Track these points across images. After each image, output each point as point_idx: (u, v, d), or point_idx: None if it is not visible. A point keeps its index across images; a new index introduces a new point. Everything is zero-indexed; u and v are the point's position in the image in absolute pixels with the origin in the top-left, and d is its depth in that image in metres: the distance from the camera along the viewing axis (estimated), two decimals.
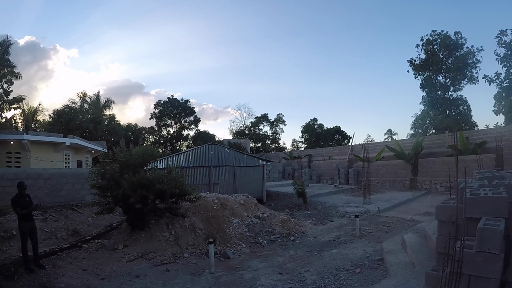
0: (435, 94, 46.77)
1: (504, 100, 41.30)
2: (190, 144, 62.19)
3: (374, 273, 9.03)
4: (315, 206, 20.73)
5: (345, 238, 13.23)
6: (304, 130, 71.18)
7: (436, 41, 45.51)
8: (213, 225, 12.74)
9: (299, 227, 14.83)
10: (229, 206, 14.16)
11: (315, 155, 45.36)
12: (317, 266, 9.93)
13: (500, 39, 40.18)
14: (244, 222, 13.76)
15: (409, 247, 8.99)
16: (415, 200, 22.27)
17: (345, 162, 34.95)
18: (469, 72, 44.51)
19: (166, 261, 10.62)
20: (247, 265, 10.46)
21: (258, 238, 13.00)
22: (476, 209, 5.30)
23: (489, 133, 28.99)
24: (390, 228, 14.61)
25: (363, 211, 18.38)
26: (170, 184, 11.91)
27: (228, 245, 11.97)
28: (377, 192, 25.89)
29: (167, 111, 63.01)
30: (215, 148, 23.96)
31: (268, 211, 15.80)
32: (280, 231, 13.84)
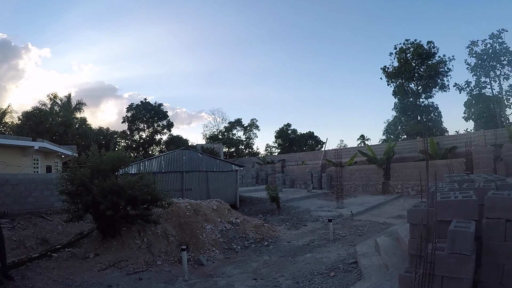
0: (407, 101, 48.08)
1: (474, 107, 43.13)
2: (162, 149, 61.53)
3: (349, 276, 9.03)
4: (288, 211, 20.74)
5: (319, 242, 13.22)
6: (277, 135, 71.47)
7: (409, 50, 47.01)
8: (186, 231, 12.52)
9: (272, 232, 14.78)
10: (202, 212, 13.96)
11: (289, 160, 45.55)
12: (291, 271, 9.87)
13: (471, 49, 42.07)
14: (218, 228, 13.59)
15: (382, 250, 9.04)
16: (388, 204, 22.53)
17: (318, 167, 35.17)
18: (440, 80, 46.32)
19: (139, 269, 10.36)
20: (221, 271, 10.32)
21: (232, 244, 12.86)
22: (447, 212, 5.39)
23: (459, 138, 29.93)
24: (363, 231, 14.70)
25: (336, 215, 18.46)
26: (142, 190, 11.58)
27: (201, 252, 11.79)
28: (350, 196, 26.07)
29: (139, 115, 62.28)
30: (188, 153, 23.73)
31: (241, 216, 15.67)
32: (253, 237, 13.76)
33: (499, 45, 41.10)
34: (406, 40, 47.62)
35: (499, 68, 41.78)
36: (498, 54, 40.83)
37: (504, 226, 4.95)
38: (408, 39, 47.56)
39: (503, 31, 41.02)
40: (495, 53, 40.87)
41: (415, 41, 47.00)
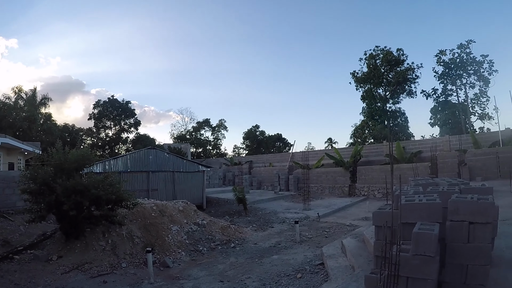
0: (375, 105, 49.21)
1: (440, 113, 44.60)
2: (129, 148, 60.43)
3: (315, 277, 9.09)
4: (255, 212, 20.71)
5: (285, 244, 13.25)
6: (246, 136, 71.56)
7: (379, 56, 48.35)
8: (151, 233, 12.29)
9: (239, 234, 14.71)
10: (168, 213, 13.73)
11: (256, 161, 45.58)
12: (258, 273, 9.85)
13: (439, 58, 43.59)
14: (184, 230, 13.39)
15: (349, 251, 9.10)
16: (354, 206, 22.81)
17: (286, 169, 35.26)
18: (408, 87, 47.99)
19: (103, 272, 10.10)
20: (187, 273, 10.20)
21: (198, 246, 12.70)
22: (411, 214, 5.47)
23: (424, 143, 30.80)
24: (330, 233, 14.82)
25: (303, 217, 18.57)
26: (107, 189, 11.29)
27: (167, 254, 11.60)
28: (316, 198, 26.24)
29: (106, 112, 61.00)
30: (155, 152, 23.29)
31: (208, 217, 15.54)
32: (220, 238, 13.66)
33: (466, 55, 42.90)
34: (376, 47, 49.19)
35: (466, 77, 43.65)
36: (465, 63, 42.61)
37: (467, 228, 5.06)
38: (378, 46, 49.13)
39: (471, 42, 42.97)
40: (462, 63, 42.61)
41: (385, 48, 48.52)
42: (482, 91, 43.16)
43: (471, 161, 22.55)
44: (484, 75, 42.48)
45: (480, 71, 42.49)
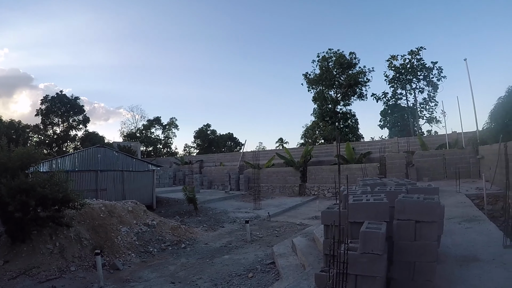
0: (326, 107, 50.01)
1: (389, 116, 46.31)
2: (77, 146, 58.17)
3: (267, 276, 9.22)
4: (206, 212, 20.63)
5: (236, 243, 13.31)
6: (197, 135, 71.06)
7: (331, 59, 49.36)
8: (100, 234, 11.96)
9: (190, 234, 14.62)
10: (116, 214, 13.42)
11: (207, 160, 45.39)
12: (209, 273, 9.86)
13: (391, 63, 45.04)
14: (133, 230, 13.13)
15: (299, 250, 9.27)
16: (304, 205, 23.17)
17: (236, 168, 35.32)
18: (359, 89, 49.19)
19: (52, 276, 9.74)
20: (138, 275, 10.04)
21: (148, 247, 12.51)
22: (359, 213, 5.62)
23: (374, 144, 31.80)
24: (280, 232, 15.00)
25: (254, 216, 18.69)
26: (53, 189, 10.88)
27: (117, 256, 11.33)
28: (267, 198, 26.53)
29: (54, 108, 58.32)
30: (103, 151, 22.64)
31: (158, 218, 15.32)
32: (170, 239, 13.52)
33: (417, 61, 44.55)
34: (329, 49, 49.99)
35: (415, 82, 45.32)
36: (415, 69, 44.27)
37: (413, 227, 5.25)
38: (331, 48, 50.00)
39: (422, 49, 44.61)
40: (413, 68, 44.28)
41: (338, 51, 49.49)
42: (430, 96, 45.06)
43: (418, 162, 23.57)
44: (433, 81, 44.41)
45: (429, 77, 44.37)
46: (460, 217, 11.02)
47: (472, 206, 13.20)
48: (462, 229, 9.54)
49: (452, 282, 5.69)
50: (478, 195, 15.27)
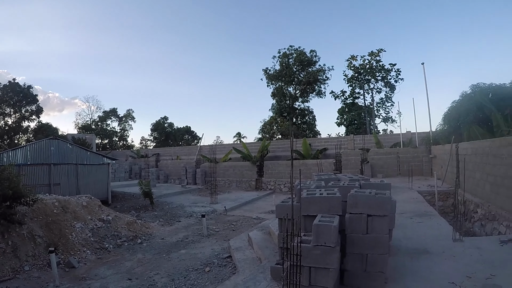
0: (285, 103, 50.46)
1: (346, 114, 47.35)
2: (30, 138, 55.37)
3: (224, 270, 9.35)
4: (162, 206, 20.56)
5: (193, 238, 13.38)
6: (154, 128, 69.77)
7: (292, 55, 49.82)
8: (54, 231, 11.62)
9: (146, 229, 14.56)
10: (71, 209, 13.10)
11: (163, 154, 44.93)
12: (166, 268, 9.90)
13: (350, 63, 46.22)
14: (88, 226, 12.89)
15: (255, 244, 9.45)
16: (260, 200, 23.45)
17: (193, 162, 35.25)
18: (318, 87, 49.85)
19: (5, 277, 9.40)
20: (94, 273, 9.91)
21: (104, 243, 12.36)
22: (312, 207, 5.79)
23: (330, 141, 32.54)
24: (237, 226, 15.18)
25: (210, 210, 18.79)
26: (3, 184, 10.56)
27: (72, 253, 11.09)
28: (224, 192, 26.67)
29: (6, 97, 54.71)
30: (57, 143, 21.77)
31: (113, 213, 15.10)
32: (126, 234, 13.42)
33: (376, 62, 45.98)
34: (291, 46, 50.67)
35: (373, 82, 46.75)
36: (374, 70, 45.66)
37: (365, 221, 5.47)
38: (292, 45, 50.64)
39: (382, 51, 45.99)
40: (371, 69, 45.66)
41: (299, 48, 50.22)
42: (387, 96, 46.75)
43: (373, 159, 24.44)
44: (391, 82, 46.07)
45: (387, 78, 45.95)
46: (412, 212, 11.54)
47: (424, 202, 13.80)
48: (414, 224, 10.03)
49: (403, 274, 5.99)
50: (430, 192, 16.01)
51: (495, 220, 10.85)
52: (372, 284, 5.44)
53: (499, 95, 17.68)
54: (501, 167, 10.76)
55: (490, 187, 11.79)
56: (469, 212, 13.39)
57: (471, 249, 7.29)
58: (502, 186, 10.70)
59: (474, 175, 13.55)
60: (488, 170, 11.94)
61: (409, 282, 5.64)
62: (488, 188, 11.93)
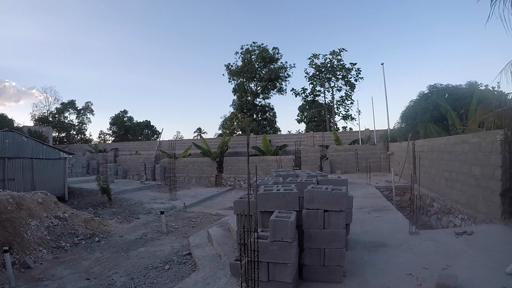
0: (245, 99, 50.65)
1: (307, 111, 48.09)
2: None
3: (183, 268, 9.36)
4: (120, 203, 20.26)
5: (152, 235, 13.28)
6: (113, 121, 68.12)
7: (255, 52, 50.24)
8: (8, 229, 11.15)
9: (104, 227, 14.32)
10: (25, 206, 12.65)
11: (122, 149, 44.18)
12: (125, 267, 9.79)
13: (312, 61, 46.96)
14: (44, 224, 12.48)
15: (215, 240, 9.49)
16: (220, 196, 23.52)
17: (152, 158, 34.95)
18: (279, 84, 50.39)
19: None
20: (51, 273, 9.63)
21: (61, 242, 12.02)
22: (269, 203, 5.81)
23: (290, 138, 33.03)
24: (196, 223, 15.18)
25: (170, 207, 18.72)
26: None
27: (27, 253, 10.71)
28: (183, 188, 26.61)
29: None
30: (12, 136, 20.78)
31: (70, 210, 14.72)
32: (84, 232, 13.14)
33: (337, 62, 46.76)
34: (254, 43, 51.12)
35: (334, 81, 47.45)
36: (335, 68, 46.41)
37: (322, 216, 5.55)
38: (255, 42, 51.14)
39: (343, 50, 46.83)
40: (333, 68, 46.38)
41: (262, 45, 50.71)
42: (347, 95, 47.79)
43: (332, 156, 25.00)
44: (351, 81, 47.06)
45: (347, 77, 46.91)
46: (370, 207, 11.87)
47: (382, 197, 14.23)
48: (372, 218, 10.31)
49: (362, 267, 6.16)
50: (387, 187, 16.49)
51: (450, 213, 11.39)
52: (331, 277, 5.56)
53: (455, 95, 18.54)
54: (456, 163, 11.39)
55: (445, 182, 12.44)
56: (425, 206, 13.92)
57: (427, 241, 7.57)
58: (457, 181, 11.33)
59: (430, 171, 14.17)
60: (443, 166, 12.58)
61: (368, 275, 5.80)
62: (444, 183, 12.58)
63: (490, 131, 9.39)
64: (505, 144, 8.46)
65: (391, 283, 5.42)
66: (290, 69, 50.62)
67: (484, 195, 9.51)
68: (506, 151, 8.42)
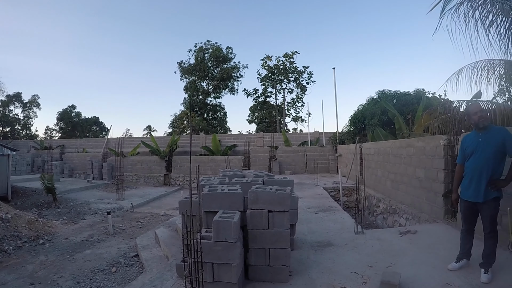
0: (197, 97, 50.64)
1: (258, 112, 48.55)
2: None
3: (131, 270, 9.23)
4: (66, 203, 19.64)
5: (98, 237, 13.02)
6: (60, 117, 65.98)
7: (208, 50, 50.49)
8: None
9: (48, 228, 13.89)
10: None
11: (69, 146, 43.00)
12: (71, 270, 9.54)
13: (265, 62, 47.52)
14: None
15: (162, 241, 9.45)
16: (169, 196, 23.38)
17: (100, 156, 34.21)
18: (231, 84, 50.80)
19: None
20: None
21: (3, 245, 11.49)
22: (213, 203, 5.84)
23: (240, 138, 33.46)
24: (144, 223, 15.03)
25: (117, 207, 18.41)
26: None
27: None
28: (131, 188, 26.23)
29: None
30: None
31: (13, 210, 14.15)
32: (27, 234, 12.66)
33: (289, 64, 48.10)
34: (208, 41, 51.69)
35: (286, 83, 48.85)
36: (287, 71, 47.59)
37: (266, 216, 5.64)
38: (209, 40, 51.78)
39: (296, 53, 48.22)
40: (285, 70, 47.44)
41: (216, 44, 51.11)
42: (298, 97, 48.99)
43: (281, 156, 25.53)
44: (303, 84, 48.66)
45: (299, 80, 48.32)
46: (317, 208, 12.17)
47: (329, 197, 14.66)
48: (318, 218, 10.55)
49: (308, 266, 6.31)
50: (335, 188, 17.01)
51: (395, 213, 11.85)
52: (277, 277, 5.65)
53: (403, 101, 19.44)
54: (401, 165, 11.89)
55: (391, 184, 12.94)
56: (372, 207, 14.44)
57: (372, 240, 7.83)
58: (402, 182, 11.84)
59: (376, 173, 14.72)
60: (389, 168, 13.10)
61: (314, 274, 5.93)
62: (389, 184, 13.08)
63: (434, 136, 9.88)
64: (448, 148, 8.94)
65: (336, 281, 5.57)
66: (242, 69, 51.39)
67: (427, 196, 9.99)
68: (449, 155, 8.90)
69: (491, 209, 5.21)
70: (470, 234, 5.76)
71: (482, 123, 5.27)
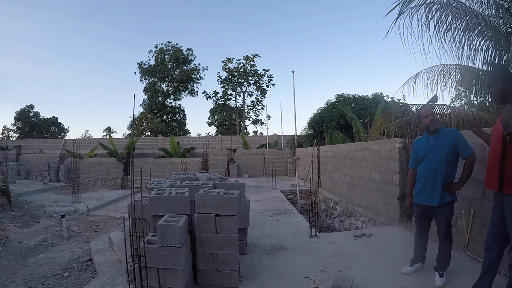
0: (156, 99, 50.12)
1: (218, 115, 48.79)
2: None
3: (83, 275, 9.06)
4: (21, 206, 19.09)
5: (52, 240, 12.71)
6: (17, 117, 63.76)
7: (169, 52, 49.89)
8: None
9: (2, 232, 13.51)
10: None
11: (26, 147, 41.80)
12: (23, 275, 9.30)
13: (225, 65, 47.71)
14: None
15: (115, 245, 9.32)
16: (126, 199, 22.92)
17: (57, 157, 33.45)
18: (191, 86, 50.60)
19: None
20: None
21: None
22: (160, 207, 5.73)
23: (199, 140, 33.47)
24: (100, 227, 14.78)
25: (72, 210, 18.03)
26: None
27: None
28: (88, 190, 25.76)
29: None
30: None
31: None
32: None
33: (250, 67, 48.27)
34: (168, 42, 51.03)
35: (246, 85, 49.02)
36: (247, 73, 47.73)
37: (214, 220, 5.60)
38: (170, 41, 51.29)
39: (257, 56, 48.52)
40: (245, 73, 47.69)
41: (176, 45, 50.61)
42: (258, 100, 49.04)
43: (239, 159, 25.61)
44: (263, 87, 48.88)
45: (259, 83, 48.57)
46: (272, 211, 12.24)
47: (285, 200, 14.76)
48: (273, 221, 10.62)
49: (259, 271, 6.29)
50: (292, 191, 17.20)
51: (352, 216, 12.00)
52: (227, 282, 5.62)
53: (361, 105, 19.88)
54: (357, 168, 12.11)
55: (347, 187, 13.15)
56: (329, 209, 14.60)
57: (326, 244, 7.85)
58: (358, 185, 12.05)
59: (333, 176, 14.94)
60: (346, 171, 13.30)
61: (265, 279, 5.91)
62: (346, 187, 13.30)
63: (390, 139, 10.12)
64: (403, 151, 9.19)
65: (287, 286, 5.59)
66: (202, 72, 51.20)
67: (383, 199, 10.20)
68: (404, 158, 9.14)
69: (446, 213, 5.29)
70: (424, 238, 5.81)
71: (433, 126, 5.35)
